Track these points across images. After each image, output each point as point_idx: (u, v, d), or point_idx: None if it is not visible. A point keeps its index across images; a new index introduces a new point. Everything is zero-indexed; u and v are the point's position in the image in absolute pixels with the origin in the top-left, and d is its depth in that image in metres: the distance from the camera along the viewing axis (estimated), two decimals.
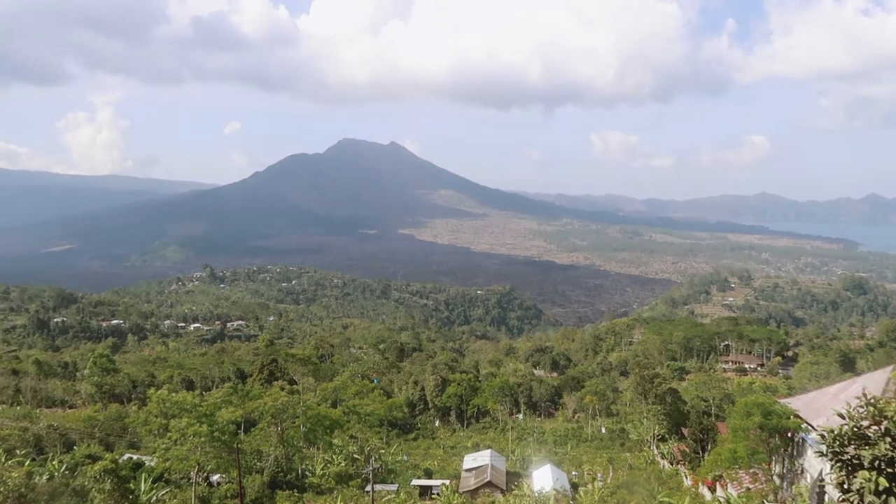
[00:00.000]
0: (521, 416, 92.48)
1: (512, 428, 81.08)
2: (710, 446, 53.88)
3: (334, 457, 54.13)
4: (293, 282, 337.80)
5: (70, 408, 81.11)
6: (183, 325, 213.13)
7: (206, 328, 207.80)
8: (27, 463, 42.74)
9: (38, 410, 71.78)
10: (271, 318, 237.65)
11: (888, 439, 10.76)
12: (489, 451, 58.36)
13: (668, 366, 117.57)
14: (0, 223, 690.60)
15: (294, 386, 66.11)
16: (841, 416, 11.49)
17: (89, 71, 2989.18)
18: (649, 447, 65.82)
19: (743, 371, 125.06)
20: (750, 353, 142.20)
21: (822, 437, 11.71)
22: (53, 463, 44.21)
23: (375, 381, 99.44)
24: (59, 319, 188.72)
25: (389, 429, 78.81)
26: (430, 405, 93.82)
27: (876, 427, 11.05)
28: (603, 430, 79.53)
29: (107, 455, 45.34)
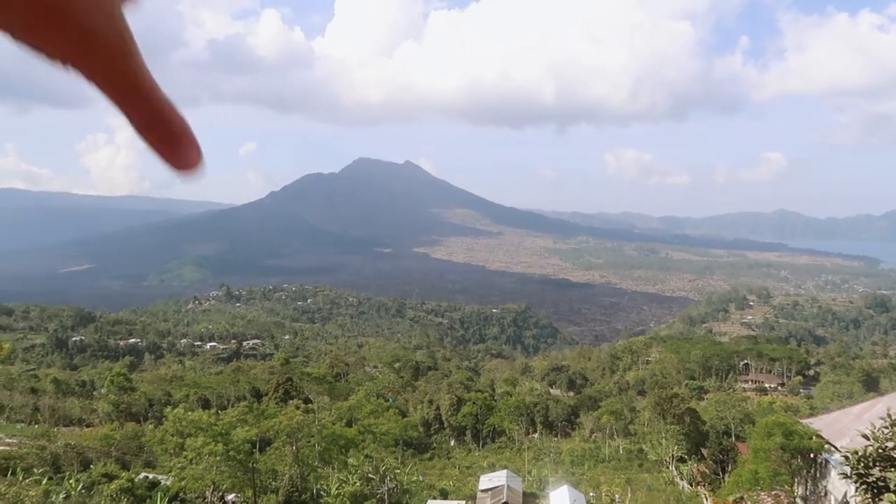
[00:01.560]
0: (537, 435, 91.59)
1: (528, 448, 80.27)
2: (730, 467, 53.02)
3: (349, 476, 53.75)
4: (308, 300, 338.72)
5: (87, 426, 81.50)
6: (199, 343, 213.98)
7: (221, 347, 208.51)
8: (44, 482, 42.92)
9: (55, 429, 72.21)
10: (286, 337, 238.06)
11: None
12: (505, 471, 57.76)
13: (686, 385, 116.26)
14: (21, 244, 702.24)
15: (309, 405, 66.01)
16: (865, 437, 11.26)
17: None
18: (668, 468, 64.86)
19: (763, 390, 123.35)
20: (770, 372, 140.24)
21: (846, 458, 11.47)
22: (70, 482, 44.30)
23: (391, 399, 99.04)
24: (77, 338, 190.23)
25: (405, 448, 78.31)
26: (446, 424, 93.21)
27: None
28: (620, 451, 78.49)
29: (123, 474, 45.49)
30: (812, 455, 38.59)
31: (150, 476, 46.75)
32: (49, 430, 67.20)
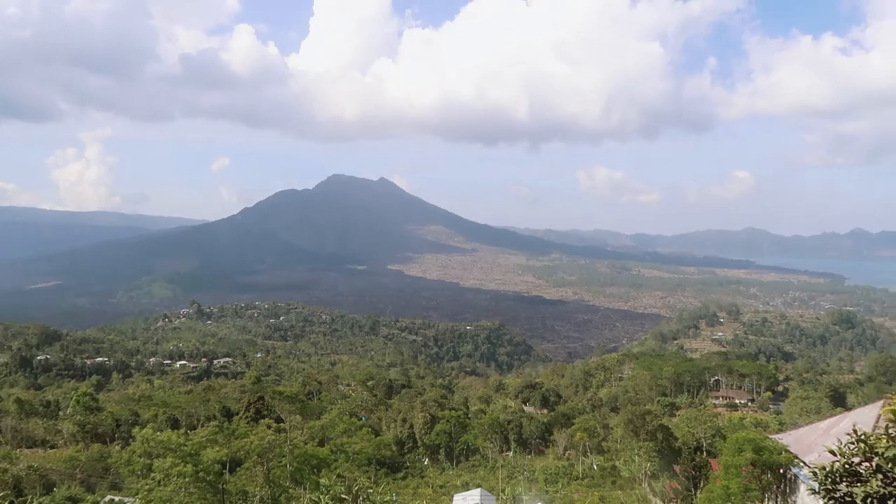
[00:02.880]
0: (511, 453, 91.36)
1: (502, 466, 80.00)
2: (702, 483, 53.36)
3: (321, 497, 52.78)
4: (281, 318, 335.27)
5: (51, 448, 79.44)
6: (169, 362, 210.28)
7: (192, 365, 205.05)
8: None
9: (18, 451, 70.21)
10: (259, 355, 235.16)
11: (880, 476, 10.70)
12: (479, 490, 57.45)
13: (658, 401, 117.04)
14: None
15: (281, 424, 65.17)
16: (832, 452, 11.44)
17: (79, 108, 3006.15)
18: (641, 485, 65.08)
19: (733, 406, 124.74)
20: (740, 387, 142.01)
21: (815, 473, 11.64)
22: None
23: (364, 418, 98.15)
24: (42, 357, 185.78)
25: (378, 468, 77.56)
26: (419, 443, 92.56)
27: (867, 464, 11.00)
28: (594, 468, 78.60)
29: (88, 497, 44.35)
30: (782, 470, 39.06)
31: (116, 499, 45.66)
32: (11, 452, 65.30)
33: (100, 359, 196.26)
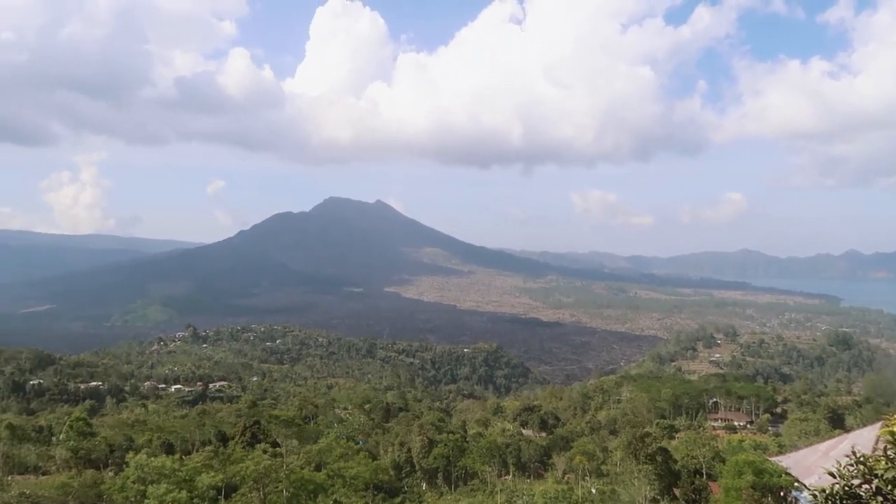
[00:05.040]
0: (509, 477, 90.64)
1: (500, 490, 79.27)
2: None
3: None
4: (277, 341, 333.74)
5: (44, 474, 78.59)
6: (164, 386, 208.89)
7: (187, 389, 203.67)
8: None
9: (9, 477, 69.44)
10: (254, 379, 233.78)
11: (880, 498, 10.69)
12: None
13: (657, 424, 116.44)
14: None
15: (277, 449, 64.62)
16: (832, 474, 11.43)
17: (74, 131, 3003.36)
18: None
19: (732, 428, 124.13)
20: (738, 409, 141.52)
21: (815, 496, 11.61)
22: None
23: (361, 442, 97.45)
24: (35, 382, 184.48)
25: (375, 492, 76.77)
26: (417, 467, 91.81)
27: (867, 486, 10.99)
28: (593, 492, 77.87)
29: None
30: (782, 493, 38.82)
31: None
32: (2, 479, 64.53)
33: (94, 383, 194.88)
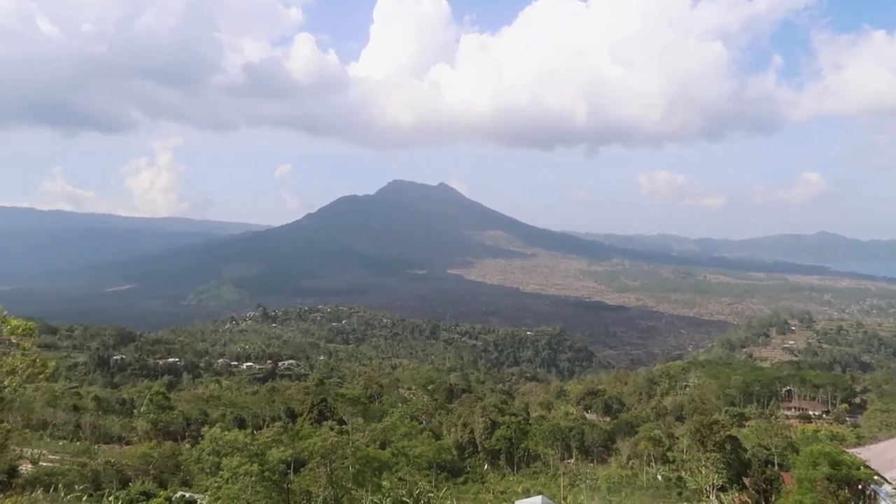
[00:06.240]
0: (572, 461, 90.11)
1: (563, 473, 78.93)
2: (773, 498, 51.34)
3: (383, 500, 53.50)
4: (343, 321, 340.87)
5: (127, 444, 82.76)
6: (236, 363, 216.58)
7: (257, 367, 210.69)
8: (85, 498, 43.63)
9: (96, 446, 73.41)
10: (321, 358, 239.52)
11: None
12: (540, 497, 56.82)
13: (726, 411, 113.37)
14: (68, 264, 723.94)
15: (343, 426, 66.14)
16: None
17: (151, 118, 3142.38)
18: (708, 497, 63.05)
19: (807, 418, 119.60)
20: (813, 399, 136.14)
21: None
22: (109, 499, 44.93)
23: (424, 422, 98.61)
24: (118, 357, 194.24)
25: (438, 472, 77.70)
26: (480, 448, 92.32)
27: None
28: (659, 478, 76.65)
29: (161, 492, 46.02)
30: (860, 486, 37.18)
31: (187, 495, 47.21)
32: (90, 448, 68.35)
33: (171, 359, 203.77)
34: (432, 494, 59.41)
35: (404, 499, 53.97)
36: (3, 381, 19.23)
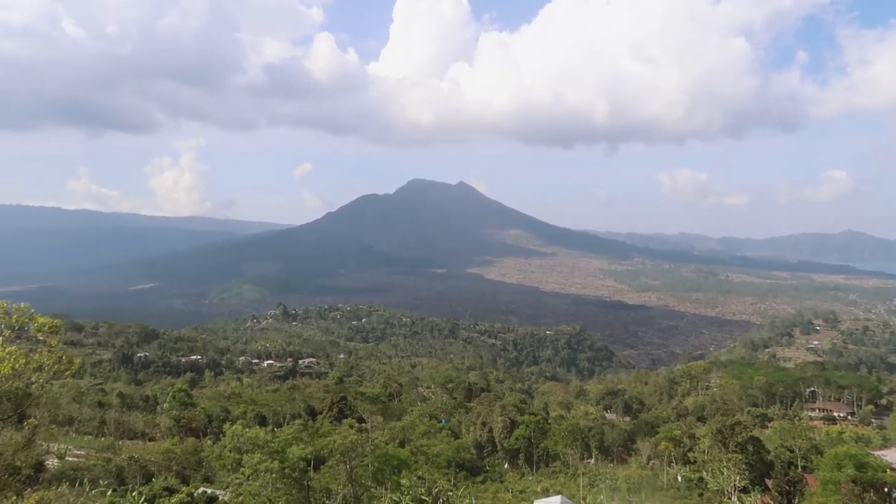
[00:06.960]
0: (592, 460, 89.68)
1: (583, 473, 78.60)
2: (796, 500, 50.74)
3: (402, 498, 53.74)
4: (363, 320, 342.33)
5: (150, 440, 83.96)
6: (257, 361, 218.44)
7: (278, 365, 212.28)
8: (109, 493, 44.36)
9: (120, 442, 74.57)
10: (341, 356, 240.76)
11: None
12: (559, 496, 56.66)
13: (748, 412, 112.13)
14: (93, 263, 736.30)
15: (363, 424, 66.41)
16: None
17: (173, 118, 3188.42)
18: (730, 499, 62.42)
19: (831, 419, 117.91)
20: (838, 400, 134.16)
21: None
22: (133, 494, 45.67)
23: (443, 421, 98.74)
24: (141, 354, 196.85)
25: (457, 470, 77.80)
26: (499, 447, 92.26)
27: None
28: (679, 479, 76.02)
29: (183, 488, 46.65)
30: (886, 489, 36.63)
31: (209, 491, 47.78)
32: (114, 443, 69.43)
33: (194, 357, 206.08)
34: (451, 493, 59.49)
35: (423, 497, 54.10)
36: (31, 377, 19.61)
